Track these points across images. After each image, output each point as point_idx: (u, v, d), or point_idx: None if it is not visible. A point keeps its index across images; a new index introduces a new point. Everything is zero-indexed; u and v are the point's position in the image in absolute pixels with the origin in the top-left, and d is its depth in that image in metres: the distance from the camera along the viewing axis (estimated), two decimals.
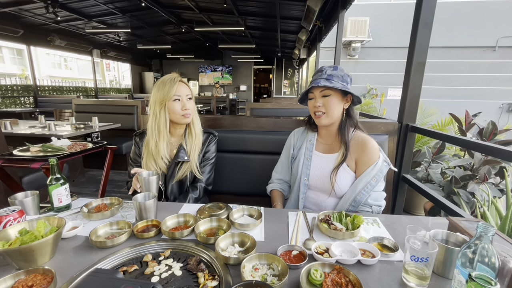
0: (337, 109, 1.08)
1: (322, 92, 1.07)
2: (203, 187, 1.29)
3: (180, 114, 1.20)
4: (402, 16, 7.61)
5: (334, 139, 1.17)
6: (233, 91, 11.88)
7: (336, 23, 3.68)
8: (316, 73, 1.11)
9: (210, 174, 1.33)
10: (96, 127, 3.02)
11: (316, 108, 1.09)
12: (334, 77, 1.06)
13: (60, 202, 0.97)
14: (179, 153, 1.24)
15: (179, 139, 1.30)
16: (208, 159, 1.33)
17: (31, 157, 1.68)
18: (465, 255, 0.55)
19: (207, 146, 1.33)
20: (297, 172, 1.19)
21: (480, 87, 8.37)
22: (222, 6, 5.06)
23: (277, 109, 3.27)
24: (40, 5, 4.92)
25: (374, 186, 1.06)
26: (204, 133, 1.34)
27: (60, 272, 0.65)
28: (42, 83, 7.25)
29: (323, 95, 1.08)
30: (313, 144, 1.19)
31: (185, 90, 1.21)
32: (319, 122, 1.12)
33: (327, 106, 1.07)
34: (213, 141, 1.35)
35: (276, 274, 0.65)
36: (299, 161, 1.19)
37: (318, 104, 1.08)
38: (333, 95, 1.07)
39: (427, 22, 1.45)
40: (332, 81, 1.05)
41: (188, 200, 1.21)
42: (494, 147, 1.07)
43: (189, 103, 1.22)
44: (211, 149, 1.34)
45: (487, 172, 1.96)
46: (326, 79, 1.05)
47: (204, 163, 1.32)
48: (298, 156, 1.21)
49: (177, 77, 1.20)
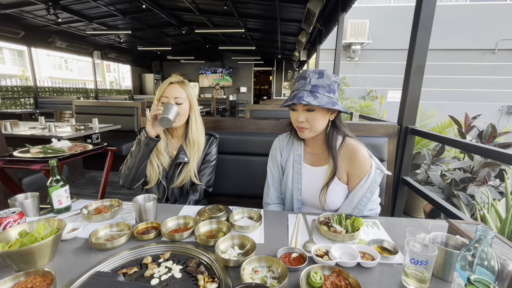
0: (321, 122, 0.99)
1: (306, 107, 0.97)
2: (203, 189, 1.28)
3: None
4: (402, 19, 7.65)
5: (321, 148, 1.08)
6: (233, 92, 11.90)
7: (336, 25, 3.69)
8: (299, 79, 0.98)
9: (211, 176, 1.33)
10: (96, 128, 3.02)
11: (298, 123, 0.99)
12: (320, 88, 0.94)
13: (60, 204, 0.97)
14: (179, 154, 1.23)
15: (179, 140, 1.30)
16: (209, 161, 1.32)
17: (31, 159, 1.68)
18: (465, 258, 0.55)
19: (208, 148, 1.32)
20: (288, 187, 1.11)
21: (479, 90, 8.40)
22: (222, 8, 5.08)
23: (277, 111, 3.27)
24: (41, 6, 4.94)
25: (369, 199, 0.98)
26: (205, 135, 1.33)
27: (59, 274, 0.65)
28: (43, 84, 7.26)
29: (307, 109, 0.97)
30: (300, 155, 1.10)
31: (176, 93, 1.17)
32: (302, 135, 1.03)
33: (310, 122, 0.98)
34: (214, 143, 1.34)
35: (276, 276, 0.65)
36: (287, 175, 1.11)
37: (301, 119, 0.98)
38: (318, 110, 0.96)
39: (426, 26, 1.46)
40: (316, 94, 0.93)
41: (188, 202, 1.21)
42: (493, 150, 1.07)
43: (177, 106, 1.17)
44: (212, 151, 1.33)
45: (486, 174, 1.97)
46: (310, 92, 0.93)
47: (204, 165, 1.31)
48: (287, 170, 1.12)
49: (172, 79, 1.19)
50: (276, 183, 1.18)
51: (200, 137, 1.27)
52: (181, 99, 1.19)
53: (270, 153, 1.21)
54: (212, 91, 11.67)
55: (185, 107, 1.20)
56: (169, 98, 1.17)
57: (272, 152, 1.20)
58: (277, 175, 1.18)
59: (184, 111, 1.21)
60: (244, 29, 6.39)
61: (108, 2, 5.32)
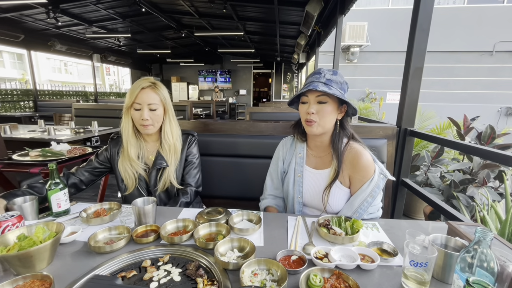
0: (330, 118, 0.98)
1: (318, 98, 0.96)
2: (193, 191, 1.25)
3: (138, 123, 1.13)
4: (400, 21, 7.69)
5: (325, 151, 1.07)
6: (233, 95, 11.92)
7: (335, 28, 3.71)
8: (313, 74, 0.99)
9: (198, 176, 1.29)
10: (95, 131, 3.02)
11: (309, 115, 0.97)
12: (333, 82, 0.95)
13: (59, 207, 0.96)
14: (157, 160, 1.18)
15: (154, 145, 1.24)
16: (191, 162, 1.27)
17: (31, 162, 1.68)
18: (464, 260, 0.55)
19: (188, 148, 1.27)
20: (289, 190, 1.11)
21: (478, 91, 8.43)
22: (221, 11, 5.10)
23: (277, 113, 3.28)
24: (41, 10, 4.97)
25: (371, 203, 0.97)
26: (182, 135, 1.27)
27: (58, 278, 0.65)
28: (42, 88, 7.28)
29: (318, 101, 0.96)
30: (303, 158, 1.09)
31: (149, 98, 1.11)
32: (309, 130, 1.01)
33: (320, 115, 0.96)
34: (193, 142, 1.29)
35: (276, 279, 0.65)
36: (289, 178, 1.11)
37: (311, 110, 0.96)
38: (330, 103, 0.96)
39: (424, 28, 1.47)
40: (331, 87, 0.94)
41: (179, 204, 1.17)
42: (492, 152, 1.07)
43: (152, 113, 1.12)
44: (193, 151, 1.28)
45: (486, 176, 1.97)
46: (325, 84, 0.94)
47: (189, 167, 1.26)
48: (289, 173, 1.12)
49: (143, 83, 1.12)
50: (275, 186, 1.19)
51: (176, 140, 1.22)
52: (155, 105, 1.13)
53: (273, 158, 1.21)
54: (212, 93, 11.69)
55: (159, 113, 1.15)
56: (141, 105, 1.10)
57: (274, 157, 1.21)
58: (276, 179, 1.19)
59: (158, 117, 1.15)
60: (243, 32, 6.42)
61: (107, 6, 5.34)
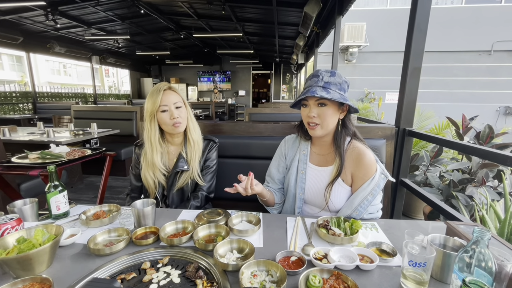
0: (332, 120, 1.00)
1: (318, 101, 0.98)
2: (204, 196, 1.27)
3: (170, 124, 1.17)
4: (398, 21, 7.72)
5: (329, 149, 1.09)
6: (232, 96, 11.93)
7: (333, 28, 3.72)
8: (312, 77, 1.01)
9: (212, 182, 1.32)
10: (95, 133, 3.02)
11: (310, 119, 1.00)
12: (332, 85, 0.97)
13: (58, 210, 0.96)
14: (179, 162, 1.22)
15: (178, 148, 1.28)
16: (209, 167, 1.31)
17: (30, 164, 1.68)
18: (462, 260, 0.55)
19: (208, 153, 1.31)
20: (291, 186, 1.13)
21: (476, 91, 8.46)
22: (220, 13, 5.11)
23: (276, 114, 3.28)
24: (39, 12, 4.97)
25: (371, 202, 0.99)
26: (204, 140, 1.32)
27: (57, 281, 0.65)
28: (41, 90, 7.26)
29: (318, 104, 0.99)
30: (307, 155, 1.11)
31: (173, 98, 1.17)
32: (313, 133, 1.04)
33: (322, 117, 0.99)
34: (213, 148, 1.33)
35: (275, 280, 0.65)
36: (291, 174, 1.13)
37: (312, 114, 0.99)
38: (330, 105, 0.98)
39: (421, 29, 1.48)
40: (329, 90, 0.96)
41: (189, 207, 1.20)
42: (490, 151, 1.08)
43: (178, 111, 1.18)
44: (212, 157, 1.32)
45: (485, 175, 1.97)
46: (323, 88, 0.96)
47: (205, 171, 1.30)
48: (291, 169, 1.14)
49: (163, 86, 1.17)
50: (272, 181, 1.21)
51: (199, 137, 1.27)
52: (179, 103, 1.19)
53: (275, 154, 1.23)
54: (211, 94, 11.70)
55: (184, 111, 1.21)
56: (168, 105, 1.15)
57: (277, 153, 1.22)
58: (275, 176, 1.20)
59: (184, 115, 1.21)
60: (242, 33, 6.43)
61: (106, 8, 5.35)
